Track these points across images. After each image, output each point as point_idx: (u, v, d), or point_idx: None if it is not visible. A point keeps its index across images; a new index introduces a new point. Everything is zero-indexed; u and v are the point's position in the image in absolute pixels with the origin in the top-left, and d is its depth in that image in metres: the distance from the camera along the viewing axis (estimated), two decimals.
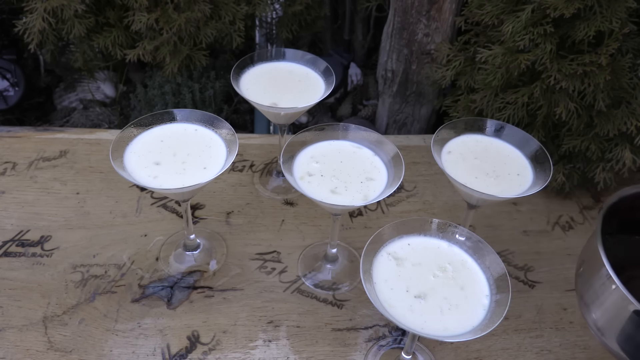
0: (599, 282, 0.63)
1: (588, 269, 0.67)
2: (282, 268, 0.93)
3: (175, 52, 1.22)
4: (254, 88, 0.95)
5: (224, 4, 1.22)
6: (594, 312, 0.65)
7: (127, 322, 0.83)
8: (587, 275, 0.67)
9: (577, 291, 0.70)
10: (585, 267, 0.68)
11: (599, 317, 0.64)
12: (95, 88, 1.58)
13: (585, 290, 0.67)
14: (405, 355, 0.77)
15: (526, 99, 0.99)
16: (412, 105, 1.37)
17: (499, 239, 1.01)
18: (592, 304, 0.65)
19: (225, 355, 0.80)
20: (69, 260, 0.91)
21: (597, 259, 0.63)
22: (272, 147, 1.17)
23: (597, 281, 0.64)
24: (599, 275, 0.63)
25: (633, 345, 0.61)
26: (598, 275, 0.63)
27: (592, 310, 0.65)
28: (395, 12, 1.24)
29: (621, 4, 0.89)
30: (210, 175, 0.76)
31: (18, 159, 1.09)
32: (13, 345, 0.79)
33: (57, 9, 1.13)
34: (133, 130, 0.82)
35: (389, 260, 0.69)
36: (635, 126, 0.94)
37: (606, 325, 0.64)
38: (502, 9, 1.00)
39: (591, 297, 0.65)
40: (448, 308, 0.64)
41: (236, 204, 1.04)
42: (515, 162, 0.83)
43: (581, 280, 0.69)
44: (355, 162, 0.81)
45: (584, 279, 0.68)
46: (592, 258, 0.65)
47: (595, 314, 0.65)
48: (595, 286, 0.64)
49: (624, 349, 0.62)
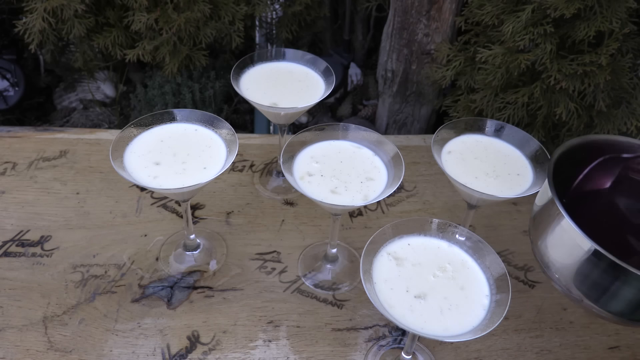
0: (551, 222, 0.63)
1: (542, 211, 0.67)
2: (282, 268, 0.93)
3: (175, 52, 1.22)
4: (254, 88, 0.95)
5: (223, 4, 1.22)
6: (546, 254, 0.65)
7: (127, 322, 0.83)
8: (540, 217, 0.67)
9: (530, 235, 0.70)
10: (539, 211, 0.68)
11: (553, 258, 0.64)
12: (95, 88, 1.58)
13: (538, 231, 0.67)
14: (405, 355, 0.77)
15: (526, 99, 0.99)
16: (412, 105, 1.37)
17: (499, 239, 1.01)
18: (544, 244, 0.65)
19: (225, 355, 0.80)
20: (69, 260, 0.91)
21: (550, 202, 0.62)
22: (272, 147, 1.17)
23: (550, 221, 0.64)
24: (550, 215, 0.63)
25: (589, 284, 0.61)
26: (550, 215, 0.63)
27: (544, 253, 0.65)
28: (395, 12, 1.24)
29: (621, 4, 0.89)
30: (210, 175, 0.76)
31: (18, 159, 1.09)
32: (13, 345, 0.79)
33: (57, 9, 1.13)
34: (133, 130, 0.82)
35: (389, 260, 0.69)
36: (635, 126, 0.94)
37: (561, 266, 0.63)
38: (502, 9, 1.00)
39: (543, 237, 0.65)
40: (448, 308, 0.64)
41: (236, 204, 1.04)
42: (515, 162, 0.83)
43: (533, 224, 0.69)
44: (355, 162, 0.81)
45: (537, 222, 0.68)
46: (545, 202, 0.65)
47: (548, 256, 0.65)
48: (548, 226, 0.64)
49: (580, 289, 0.62)
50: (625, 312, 0.60)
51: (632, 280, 0.56)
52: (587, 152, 0.71)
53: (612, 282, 0.58)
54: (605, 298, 0.60)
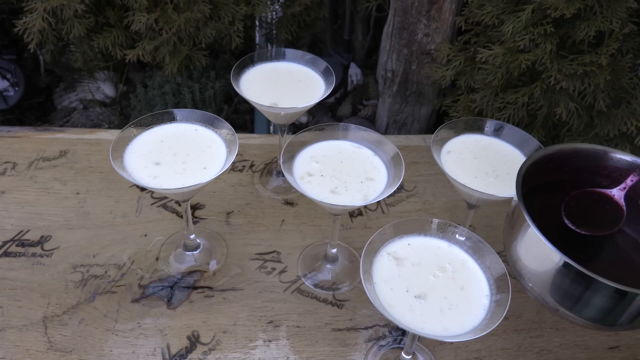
0: (523, 235, 0.64)
1: (512, 224, 0.68)
2: (282, 268, 0.93)
3: (175, 52, 1.22)
4: (254, 88, 0.95)
5: (223, 5, 1.22)
6: (524, 265, 0.65)
7: (127, 322, 0.83)
8: (510, 230, 0.68)
9: (505, 249, 0.70)
10: (509, 224, 0.69)
11: (526, 270, 0.65)
12: (95, 88, 1.58)
13: (512, 246, 0.67)
14: (405, 355, 0.77)
15: (526, 99, 0.99)
16: (412, 105, 1.37)
17: (499, 239, 1.00)
18: (521, 258, 0.66)
19: (225, 355, 0.80)
20: (69, 260, 0.91)
21: (520, 215, 0.63)
22: (272, 147, 1.17)
23: (522, 234, 0.64)
24: (521, 229, 0.64)
25: (561, 294, 0.61)
26: (521, 229, 0.64)
27: (518, 265, 0.66)
28: (395, 12, 1.24)
29: (621, 4, 0.89)
30: (210, 175, 0.76)
31: (18, 159, 1.09)
32: (13, 345, 0.79)
33: (57, 9, 1.13)
34: (133, 130, 0.82)
35: (389, 260, 0.69)
36: (635, 126, 0.94)
37: (534, 277, 0.64)
38: (502, 9, 1.00)
39: (516, 250, 0.66)
40: (448, 308, 0.64)
41: (236, 204, 1.04)
42: (515, 162, 0.83)
43: (506, 235, 0.70)
44: (355, 162, 0.81)
45: (508, 234, 0.69)
46: (516, 215, 0.66)
47: (520, 267, 0.65)
48: (520, 240, 0.65)
49: (555, 299, 0.63)
50: (598, 318, 0.61)
51: (602, 288, 0.57)
52: (558, 162, 0.73)
53: (583, 291, 0.59)
54: (578, 306, 0.61)
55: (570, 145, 0.74)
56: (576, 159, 0.73)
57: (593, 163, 0.72)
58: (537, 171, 0.70)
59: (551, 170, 0.72)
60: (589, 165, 0.73)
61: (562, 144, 0.73)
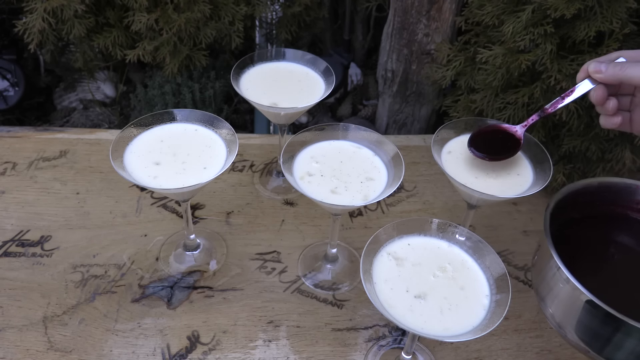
0: (550, 274, 0.64)
1: (539, 262, 0.67)
2: (282, 268, 0.93)
3: (175, 52, 1.22)
4: (254, 88, 0.95)
5: (223, 5, 1.22)
6: (549, 306, 0.65)
7: (127, 322, 0.83)
8: (539, 268, 0.67)
9: (533, 286, 0.70)
10: (538, 261, 0.69)
11: (555, 310, 0.65)
12: (95, 88, 1.58)
13: (539, 283, 0.67)
14: (405, 355, 0.77)
15: (526, 99, 0.99)
16: (412, 105, 1.37)
17: (499, 239, 1.01)
18: (546, 297, 0.66)
19: (225, 355, 0.80)
20: (69, 260, 0.91)
21: (547, 252, 0.63)
22: (272, 147, 1.17)
23: (549, 273, 0.64)
24: (549, 267, 0.64)
25: (590, 335, 0.61)
26: (549, 267, 0.64)
27: (547, 305, 0.66)
28: (395, 12, 1.24)
29: (621, 4, 0.89)
30: (210, 175, 0.76)
31: (18, 159, 1.09)
32: (13, 345, 0.79)
33: (57, 9, 1.13)
34: (133, 130, 0.82)
35: (389, 260, 0.69)
36: None
37: (562, 317, 0.64)
38: (502, 9, 1.00)
39: (545, 289, 0.66)
40: (448, 308, 0.64)
41: (236, 204, 1.04)
42: (515, 162, 0.83)
43: (534, 273, 0.70)
44: (355, 162, 0.81)
45: (537, 272, 0.68)
46: (543, 252, 0.66)
47: (551, 308, 0.65)
48: (547, 278, 0.65)
49: (583, 340, 0.62)
50: None
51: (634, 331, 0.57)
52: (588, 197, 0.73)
53: (613, 333, 0.59)
54: (608, 349, 0.60)
55: (597, 180, 0.75)
56: (607, 193, 0.74)
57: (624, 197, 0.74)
58: (566, 205, 0.71)
59: (580, 204, 0.73)
60: (617, 199, 0.74)
61: (588, 179, 0.74)
